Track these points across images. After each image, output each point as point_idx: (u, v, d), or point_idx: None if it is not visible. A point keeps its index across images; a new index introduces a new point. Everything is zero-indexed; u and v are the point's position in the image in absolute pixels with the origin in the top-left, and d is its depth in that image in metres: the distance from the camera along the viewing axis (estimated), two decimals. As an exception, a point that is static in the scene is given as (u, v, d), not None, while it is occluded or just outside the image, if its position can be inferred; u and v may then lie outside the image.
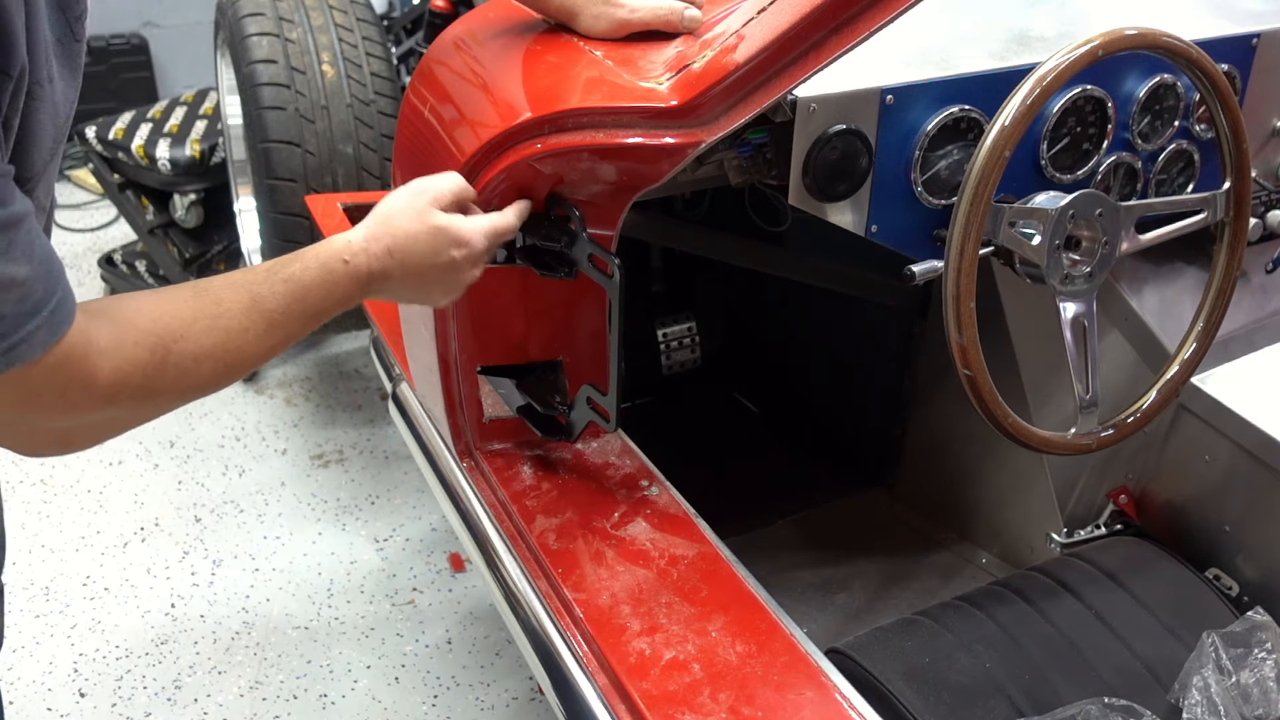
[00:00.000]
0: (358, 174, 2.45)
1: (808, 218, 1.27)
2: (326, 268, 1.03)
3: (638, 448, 1.36)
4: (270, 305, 0.98)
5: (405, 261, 1.07)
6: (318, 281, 1.02)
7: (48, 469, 2.58)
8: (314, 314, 1.03)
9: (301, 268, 1.02)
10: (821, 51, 1.09)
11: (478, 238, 1.10)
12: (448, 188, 1.11)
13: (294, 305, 1.00)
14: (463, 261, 1.09)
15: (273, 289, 0.99)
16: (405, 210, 1.08)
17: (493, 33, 1.34)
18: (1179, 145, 1.43)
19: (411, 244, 1.07)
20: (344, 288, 1.04)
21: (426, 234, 1.07)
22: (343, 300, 1.05)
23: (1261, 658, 1.18)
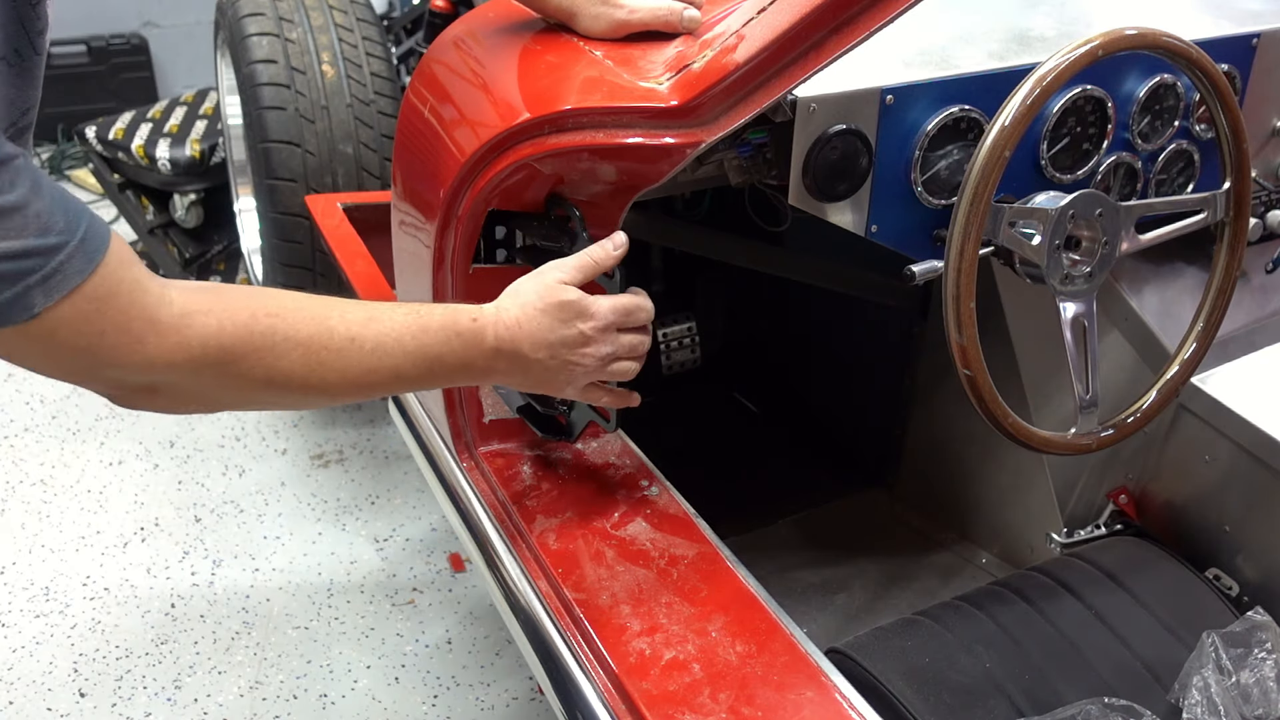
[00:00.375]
0: (358, 174, 2.45)
1: (808, 218, 1.27)
2: (452, 317, 1.02)
3: (638, 448, 1.36)
4: (385, 329, 0.97)
5: (535, 333, 1.05)
6: (439, 326, 1.00)
7: (48, 469, 2.59)
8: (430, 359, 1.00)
9: (429, 309, 1.01)
10: (821, 51, 1.09)
11: (604, 312, 1.09)
12: (574, 265, 1.10)
13: (409, 339, 0.98)
14: (592, 335, 1.08)
15: (392, 315, 0.98)
16: (534, 284, 1.08)
17: (493, 33, 1.34)
18: (1179, 145, 1.43)
19: (540, 317, 1.06)
20: (466, 342, 1.02)
21: (555, 307, 1.06)
22: (463, 358, 1.02)
23: (1261, 658, 1.18)
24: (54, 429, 2.74)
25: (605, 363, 1.11)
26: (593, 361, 1.09)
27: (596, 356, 1.09)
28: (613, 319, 1.10)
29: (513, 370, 1.07)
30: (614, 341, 1.10)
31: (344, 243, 2.11)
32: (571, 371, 1.09)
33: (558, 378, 1.10)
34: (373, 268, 2.00)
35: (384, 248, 1.61)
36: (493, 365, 1.05)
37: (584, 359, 1.09)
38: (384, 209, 1.57)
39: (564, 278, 1.08)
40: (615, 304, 1.10)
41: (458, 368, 1.03)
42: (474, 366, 1.04)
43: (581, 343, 1.08)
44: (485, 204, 1.19)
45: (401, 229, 1.40)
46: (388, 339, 0.97)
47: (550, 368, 1.08)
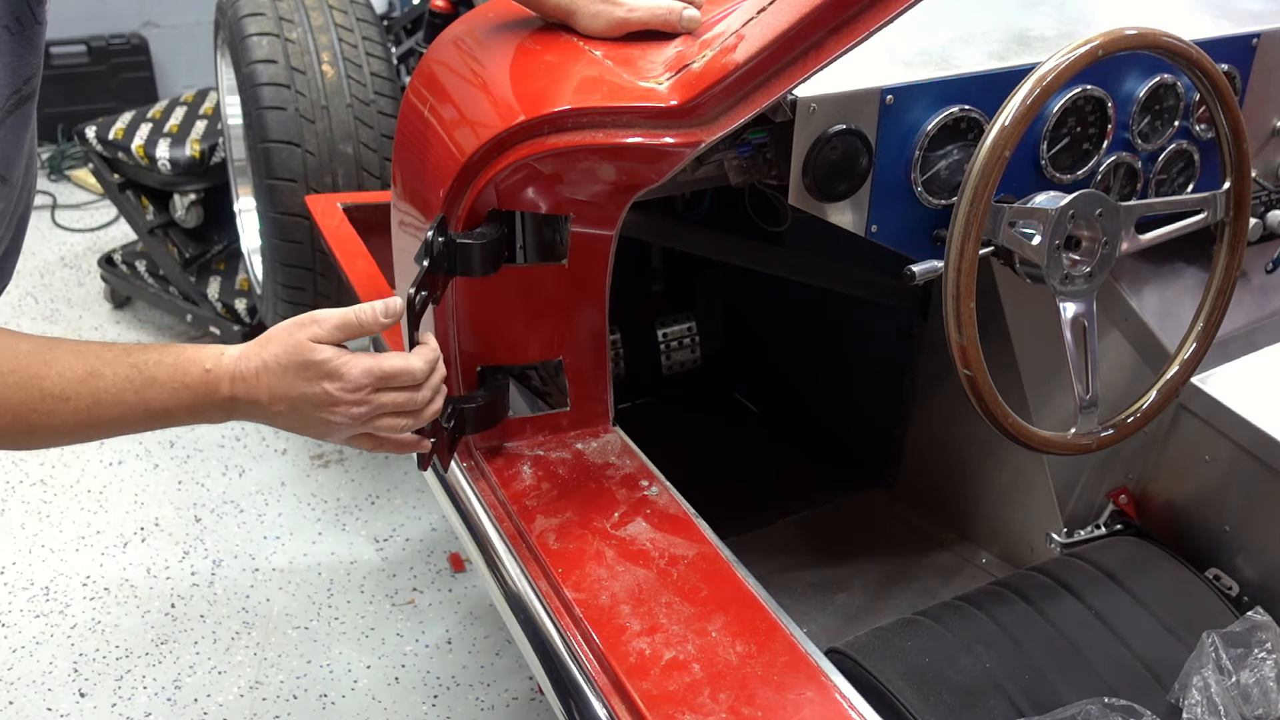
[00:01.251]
0: (358, 174, 2.44)
1: (808, 218, 1.27)
2: (181, 368, 0.98)
3: (638, 448, 1.35)
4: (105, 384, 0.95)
5: (273, 388, 1.01)
6: (167, 379, 0.98)
7: (48, 469, 2.59)
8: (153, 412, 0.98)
9: (157, 360, 0.98)
10: (821, 51, 1.09)
11: (355, 376, 1.03)
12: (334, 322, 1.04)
13: (130, 394, 0.96)
14: (339, 395, 1.02)
15: (115, 370, 0.95)
16: (283, 338, 1.03)
17: (492, 32, 1.34)
18: (1179, 145, 1.43)
19: (281, 373, 1.01)
20: (195, 395, 0.99)
21: (297, 366, 1.01)
22: (193, 409, 1.00)
23: (1261, 658, 1.18)
24: (54, 429, 2.73)
25: (360, 420, 1.06)
26: (343, 419, 1.05)
27: (348, 415, 1.04)
28: (365, 382, 1.04)
29: (256, 417, 1.05)
30: (368, 402, 1.05)
31: (344, 243, 2.11)
32: (323, 426, 1.06)
33: (309, 428, 1.06)
34: (373, 268, 2.00)
35: (384, 248, 1.61)
36: (232, 409, 1.03)
37: (333, 416, 1.04)
38: (384, 209, 1.57)
39: (320, 334, 1.03)
40: (371, 367, 1.04)
41: (188, 414, 1.01)
42: (205, 414, 1.02)
43: (327, 401, 1.03)
44: (485, 204, 1.19)
45: (401, 229, 1.40)
46: (105, 395, 0.95)
47: (296, 420, 1.05)
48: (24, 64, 0.89)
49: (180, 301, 3.12)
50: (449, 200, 1.20)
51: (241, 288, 3.08)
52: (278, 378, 1.01)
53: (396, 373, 1.06)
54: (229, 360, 1.01)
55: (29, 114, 0.94)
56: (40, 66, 0.93)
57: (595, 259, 1.26)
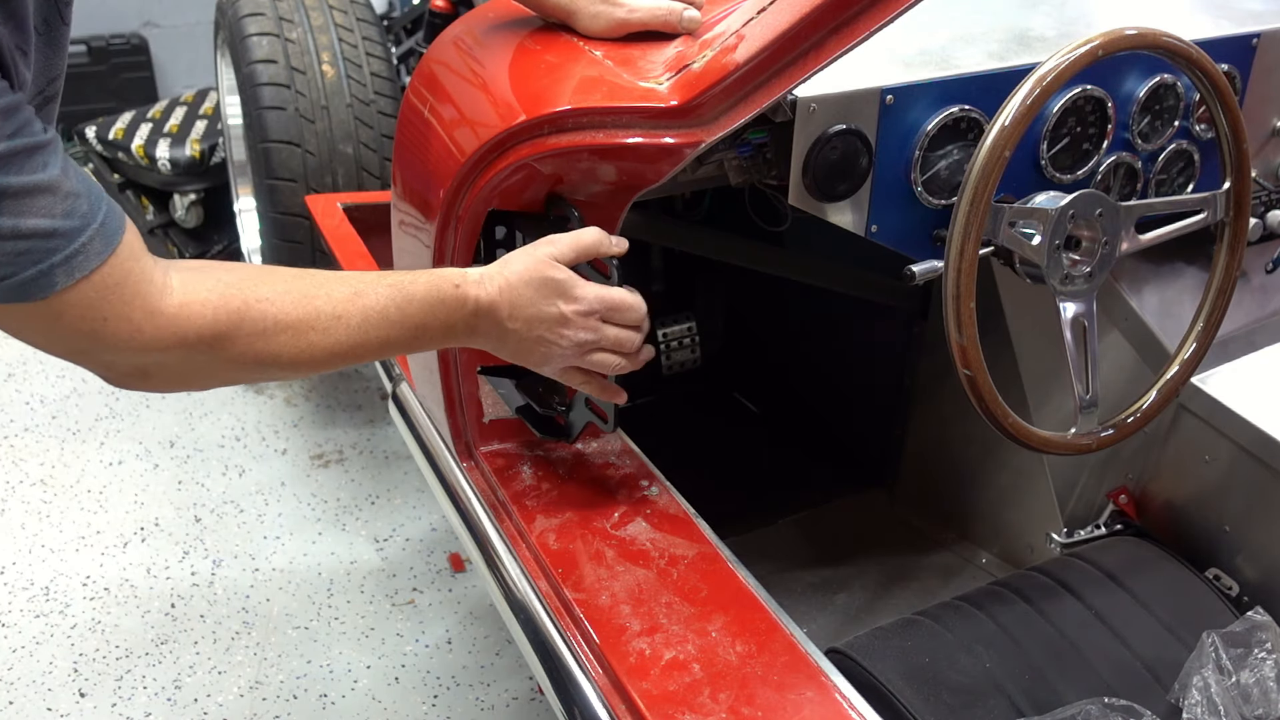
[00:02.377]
0: (358, 174, 2.45)
1: (808, 218, 1.27)
2: (435, 284, 1.03)
3: (638, 448, 1.36)
4: (370, 302, 0.99)
5: (515, 302, 1.06)
6: (424, 294, 1.02)
7: (48, 469, 2.59)
8: (414, 328, 1.02)
9: (411, 279, 1.03)
10: (821, 51, 1.09)
11: (589, 297, 1.08)
12: (568, 244, 1.09)
13: (393, 310, 1.00)
14: (572, 317, 1.08)
15: (377, 288, 1.00)
16: (523, 256, 1.08)
17: (492, 32, 1.34)
18: (1179, 145, 1.43)
19: (523, 288, 1.06)
20: (449, 309, 1.04)
21: (538, 281, 1.07)
22: (446, 324, 1.04)
23: (1261, 658, 1.18)
24: (54, 429, 2.74)
25: (583, 349, 1.11)
26: (569, 344, 1.09)
27: (574, 340, 1.09)
28: (597, 307, 1.09)
29: (491, 335, 1.09)
30: (595, 330, 1.10)
31: (344, 243, 2.11)
32: (547, 349, 1.09)
33: (534, 351, 1.10)
34: (373, 268, 2.00)
35: (384, 248, 1.61)
36: (474, 327, 1.07)
37: (560, 339, 1.09)
38: (384, 209, 1.57)
39: (555, 253, 1.08)
40: (603, 294, 1.10)
41: (441, 331, 1.05)
42: (456, 329, 1.06)
43: (560, 322, 1.08)
44: (485, 204, 1.19)
45: (401, 229, 1.40)
46: (373, 313, 0.99)
47: (526, 340, 1.09)
48: (50, 65, 0.91)
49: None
50: (449, 200, 1.20)
51: (241, 288, 3.07)
52: (518, 292, 1.06)
53: (625, 305, 1.11)
54: (474, 278, 1.06)
55: (51, 115, 0.96)
56: (64, 67, 0.95)
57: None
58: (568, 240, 1.10)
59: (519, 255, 1.09)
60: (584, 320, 1.09)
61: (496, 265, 1.08)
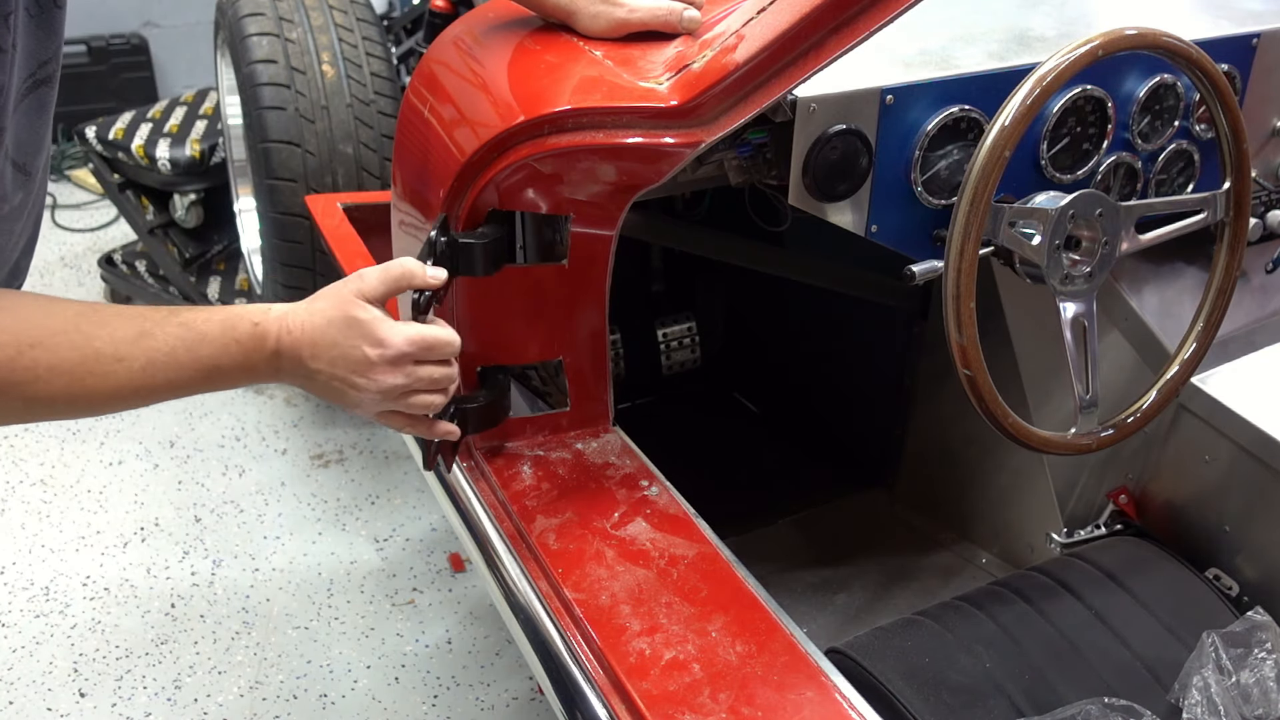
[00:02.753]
0: (358, 174, 2.44)
1: (808, 218, 1.27)
2: (230, 324, 0.98)
3: (638, 448, 1.35)
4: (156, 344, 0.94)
5: (317, 342, 1.00)
6: (217, 335, 0.97)
7: (48, 469, 2.59)
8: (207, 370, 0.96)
9: (205, 318, 0.97)
10: (821, 51, 1.09)
11: (396, 341, 1.00)
12: (377, 280, 1.02)
13: (182, 351, 0.95)
14: (378, 361, 1.00)
15: (165, 329, 0.95)
16: (330, 294, 1.02)
17: (492, 32, 1.34)
18: (1179, 145, 1.43)
19: (326, 327, 1.00)
20: (245, 350, 0.98)
21: (341, 321, 1.00)
22: (243, 365, 0.99)
23: (1261, 658, 1.18)
24: (54, 429, 2.74)
25: (395, 394, 1.04)
26: (377, 389, 1.02)
27: (382, 386, 1.02)
28: (408, 350, 1.02)
29: (297, 375, 1.02)
30: (408, 374, 1.03)
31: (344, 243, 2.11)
32: (357, 393, 1.03)
33: (344, 394, 1.03)
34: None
35: (384, 248, 1.61)
36: (278, 366, 1.01)
37: (368, 384, 1.02)
38: (384, 209, 1.57)
39: (362, 289, 1.01)
40: (413, 335, 1.02)
41: (239, 372, 0.99)
42: (257, 370, 1.00)
43: (366, 366, 1.01)
44: (485, 204, 1.19)
45: (401, 229, 1.40)
46: (159, 355, 0.94)
47: (333, 381, 1.02)
48: (41, 47, 0.89)
49: (180, 301, 3.12)
50: (449, 200, 1.20)
51: (241, 288, 3.08)
52: (321, 331, 1.00)
53: (439, 343, 1.04)
54: (276, 315, 1.00)
55: (46, 101, 0.93)
56: (59, 51, 0.92)
57: (595, 259, 1.26)
58: (376, 274, 1.02)
59: (326, 293, 1.02)
60: (394, 366, 1.02)
61: (303, 303, 1.02)
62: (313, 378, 1.02)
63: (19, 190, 0.94)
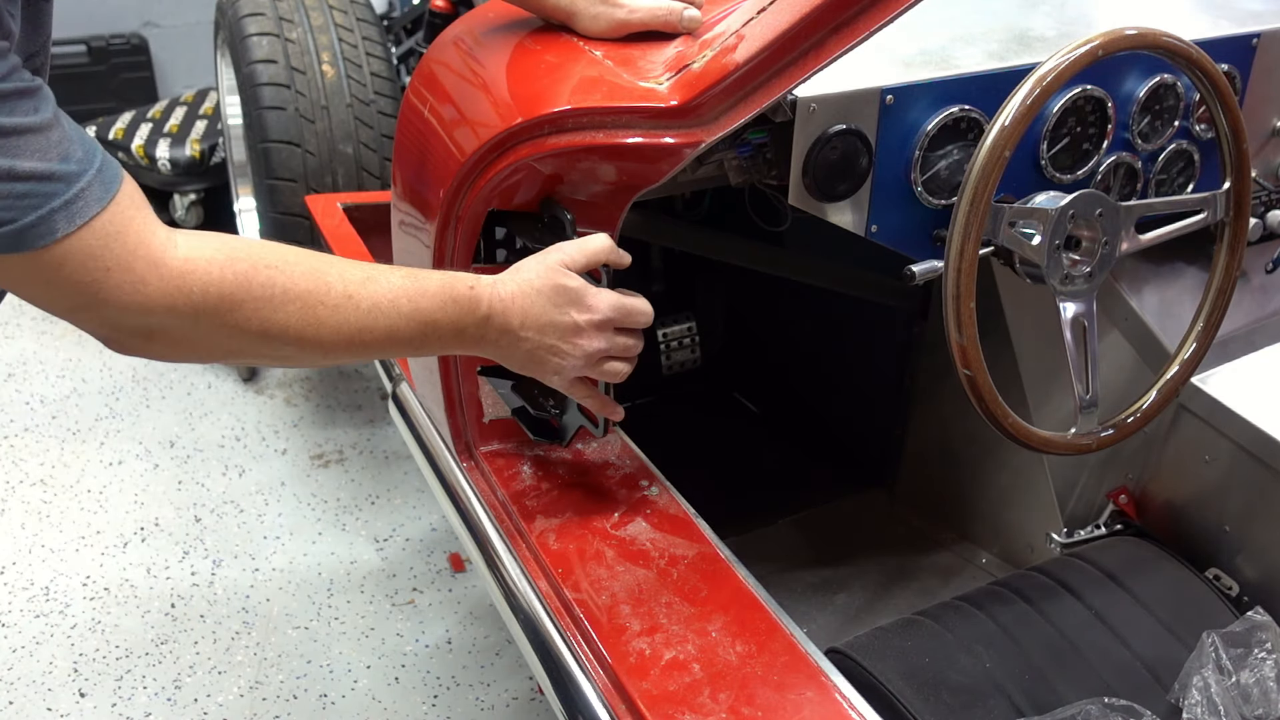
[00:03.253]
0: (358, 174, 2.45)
1: (808, 218, 1.27)
2: (449, 283, 1.01)
3: (638, 448, 1.36)
4: (382, 289, 0.97)
5: (528, 310, 1.05)
6: (437, 290, 1.00)
7: (48, 469, 2.59)
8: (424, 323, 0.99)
9: (426, 274, 1.01)
10: (821, 51, 1.09)
11: (603, 306, 1.07)
12: (578, 250, 1.08)
13: (404, 301, 0.98)
14: (586, 326, 1.06)
15: (390, 277, 0.98)
16: (536, 264, 1.07)
17: (492, 33, 1.34)
18: (1179, 145, 1.43)
19: (536, 296, 1.05)
20: (461, 310, 1.01)
21: (551, 289, 1.05)
22: (457, 325, 1.02)
23: (1261, 658, 1.18)
24: (54, 429, 2.74)
25: (595, 359, 1.09)
26: (581, 354, 1.08)
27: (587, 350, 1.08)
28: (612, 315, 1.08)
29: (501, 343, 1.06)
30: (609, 339, 1.09)
31: (344, 243, 2.11)
32: (561, 359, 1.08)
33: (546, 362, 1.08)
34: (373, 268, 1.99)
35: (384, 248, 1.61)
36: (484, 334, 1.04)
37: (574, 349, 1.07)
38: (384, 209, 1.57)
39: (566, 260, 1.07)
40: (617, 301, 1.09)
41: (451, 333, 1.02)
42: (466, 334, 1.03)
43: (574, 332, 1.07)
44: (485, 204, 1.19)
45: (401, 229, 1.40)
46: (384, 300, 0.97)
47: (539, 349, 1.07)
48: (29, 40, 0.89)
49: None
50: (449, 200, 1.20)
51: (241, 288, 3.08)
52: (531, 300, 1.04)
53: (637, 310, 1.10)
54: (488, 282, 1.04)
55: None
56: (46, 45, 0.92)
57: (595, 259, 1.26)
58: (577, 247, 1.09)
59: (531, 263, 1.07)
60: (599, 330, 1.07)
61: (509, 272, 1.07)
62: (517, 345, 1.06)
63: None
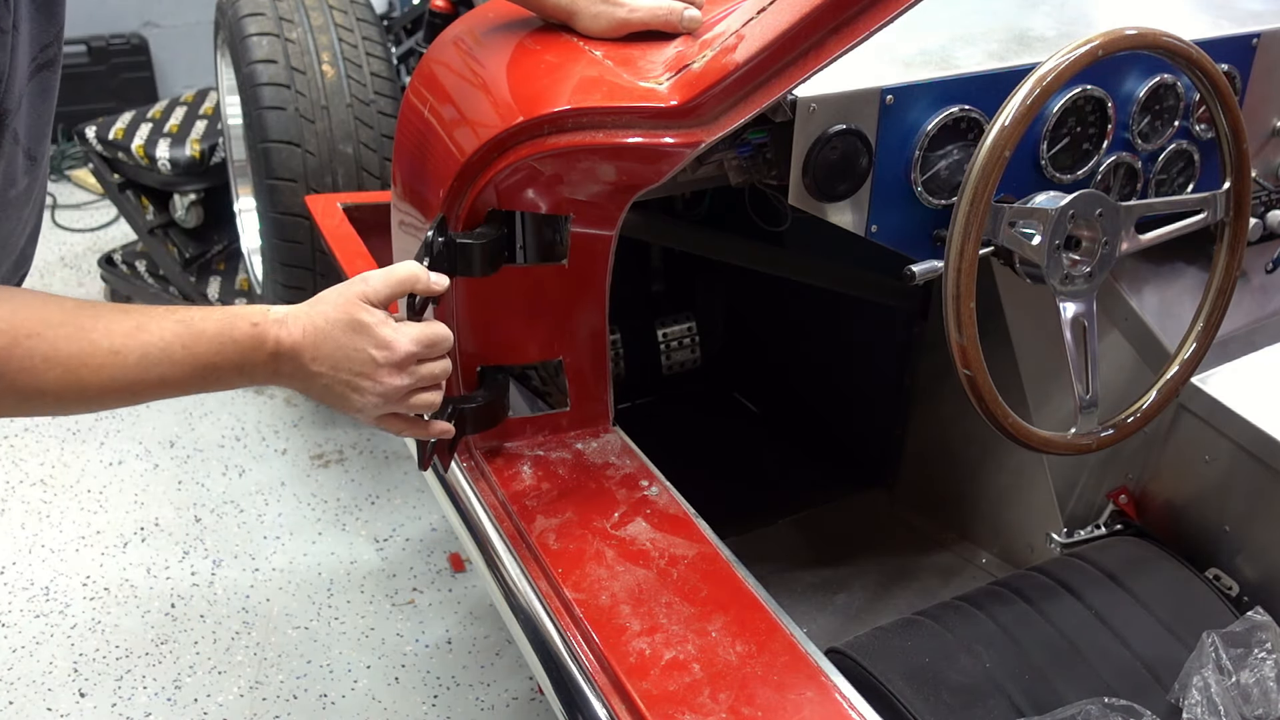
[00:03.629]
0: (358, 174, 2.44)
1: (808, 218, 1.27)
2: (229, 323, 0.96)
3: (638, 448, 1.36)
4: (151, 338, 0.93)
5: (319, 344, 0.99)
6: (215, 333, 0.96)
7: (48, 469, 2.59)
8: (202, 367, 0.95)
9: (203, 315, 0.96)
10: (821, 51, 1.09)
11: (401, 343, 1.01)
12: (382, 280, 1.02)
13: (178, 349, 0.94)
14: (384, 364, 1.00)
15: (161, 324, 0.94)
16: (334, 295, 1.02)
17: (492, 32, 1.34)
18: (1179, 145, 1.43)
19: (330, 329, 0.99)
20: (243, 350, 0.97)
21: (346, 323, 0.99)
22: (239, 365, 0.97)
23: (1261, 658, 1.18)
24: (54, 429, 2.74)
25: (399, 396, 1.03)
26: (381, 392, 1.02)
27: (386, 389, 1.02)
28: (414, 350, 1.02)
29: (296, 378, 1.01)
30: (411, 374, 1.03)
31: (344, 243, 2.11)
32: (361, 396, 1.02)
33: (347, 398, 1.03)
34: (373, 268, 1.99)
35: (384, 248, 1.61)
36: (277, 369, 1.00)
37: (373, 387, 1.01)
38: (384, 209, 1.57)
39: (367, 292, 1.01)
40: (419, 335, 1.02)
41: (233, 373, 0.98)
42: (255, 371, 0.99)
43: (371, 368, 1.01)
44: (485, 204, 1.19)
45: (401, 229, 1.40)
46: (154, 349, 0.93)
47: (335, 384, 1.01)
48: (42, 30, 0.89)
49: (180, 302, 3.12)
50: (449, 200, 1.20)
51: (241, 288, 3.08)
52: (324, 334, 0.99)
53: (439, 339, 1.04)
54: (275, 316, 0.99)
55: (49, 86, 0.92)
56: (60, 34, 0.92)
57: (595, 259, 1.26)
58: (380, 278, 1.02)
59: (331, 294, 1.01)
60: (397, 369, 1.02)
61: (305, 305, 1.01)
62: (313, 380, 1.01)
63: (26, 175, 0.94)
